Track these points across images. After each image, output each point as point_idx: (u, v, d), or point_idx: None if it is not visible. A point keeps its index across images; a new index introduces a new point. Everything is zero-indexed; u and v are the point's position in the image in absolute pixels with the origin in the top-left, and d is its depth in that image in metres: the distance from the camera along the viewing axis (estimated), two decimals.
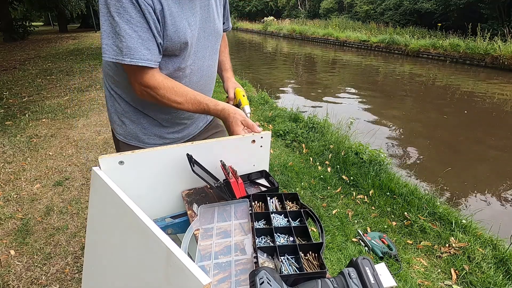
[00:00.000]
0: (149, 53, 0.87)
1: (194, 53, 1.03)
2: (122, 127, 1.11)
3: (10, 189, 2.70)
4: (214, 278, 0.68)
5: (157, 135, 1.13)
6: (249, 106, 1.19)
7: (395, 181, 2.90)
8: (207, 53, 1.09)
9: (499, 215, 2.96)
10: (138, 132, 1.11)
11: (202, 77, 1.10)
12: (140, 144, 1.12)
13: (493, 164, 4.13)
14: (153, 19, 0.85)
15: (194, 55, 1.04)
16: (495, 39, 10.53)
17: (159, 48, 0.90)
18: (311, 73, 10.62)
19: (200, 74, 1.09)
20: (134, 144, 1.12)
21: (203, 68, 1.09)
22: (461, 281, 1.92)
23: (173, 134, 1.17)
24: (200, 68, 1.08)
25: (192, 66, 1.04)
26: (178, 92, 0.95)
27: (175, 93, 0.94)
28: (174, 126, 1.15)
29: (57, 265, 1.94)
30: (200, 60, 1.07)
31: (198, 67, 1.07)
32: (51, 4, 16.76)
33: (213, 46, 1.11)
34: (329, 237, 2.23)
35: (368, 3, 20.26)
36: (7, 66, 8.20)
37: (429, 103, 6.88)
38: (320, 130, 4.06)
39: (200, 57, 1.06)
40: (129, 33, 0.83)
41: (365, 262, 0.63)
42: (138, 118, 1.09)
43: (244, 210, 0.88)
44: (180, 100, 0.95)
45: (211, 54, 1.11)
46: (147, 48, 0.86)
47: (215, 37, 1.10)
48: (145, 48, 0.86)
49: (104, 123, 4.28)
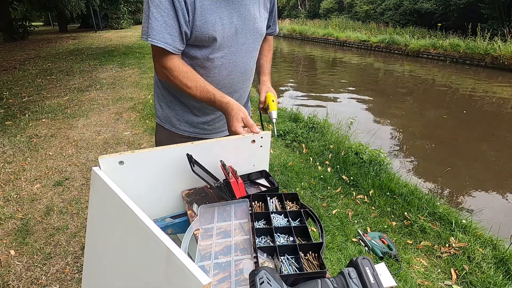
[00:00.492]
0: (170, 38, 0.95)
1: (228, 47, 1.07)
2: (159, 111, 1.22)
3: (10, 189, 2.71)
4: (214, 278, 0.68)
5: (188, 122, 1.20)
6: (276, 112, 1.19)
7: (395, 181, 2.90)
8: (243, 49, 1.11)
9: (499, 215, 2.96)
10: (172, 117, 1.19)
11: (233, 71, 1.12)
12: (173, 128, 1.20)
13: (493, 164, 4.13)
14: (182, 9, 0.93)
15: (227, 49, 1.07)
16: (495, 39, 10.53)
17: (182, 36, 0.97)
18: (311, 73, 10.62)
19: (231, 68, 1.11)
20: (168, 128, 1.21)
21: (236, 63, 1.11)
22: (461, 281, 1.92)
23: (203, 124, 1.21)
24: (232, 62, 1.10)
25: (223, 59, 1.08)
26: (190, 78, 1.01)
27: (187, 78, 1.01)
28: (205, 115, 1.20)
29: (57, 265, 1.94)
30: (234, 55, 1.09)
31: (229, 61, 1.09)
32: (51, 4, 16.72)
33: (251, 44, 1.13)
34: (329, 237, 2.23)
35: (368, 3, 20.26)
36: (7, 66, 8.20)
37: (429, 103, 6.88)
38: (320, 130, 4.06)
39: (234, 51, 1.09)
40: (156, 17, 0.92)
41: (365, 262, 0.63)
42: (173, 103, 1.17)
43: (244, 210, 0.88)
44: (190, 84, 1.01)
45: (247, 51, 1.13)
46: (169, 33, 0.94)
47: (254, 36, 1.12)
48: (168, 33, 0.94)
49: (104, 123, 4.28)
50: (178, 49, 0.98)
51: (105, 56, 9.94)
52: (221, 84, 1.12)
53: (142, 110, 4.78)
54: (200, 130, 1.22)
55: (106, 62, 8.94)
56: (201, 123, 1.21)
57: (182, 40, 0.98)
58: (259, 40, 1.17)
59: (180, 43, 0.98)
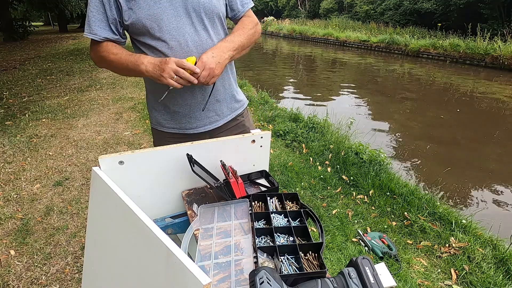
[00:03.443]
0: (99, 30, 1.07)
1: (177, 28, 1.05)
2: (150, 115, 1.29)
3: (10, 189, 2.71)
4: (214, 278, 0.68)
5: (173, 119, 1.21)
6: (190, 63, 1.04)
7: (395, 181, 2.90)
8: (189, 29, 1.07)
9: (499, 215, 2.96)
10: (159, 118, 1.23)
11: (188, 53, 1.08)
12: (163, 128, 1.24)
13: (493, 164, 4.13)
14: (110, 4, 1.04)
15: (175, 31, 1.05)
16: (495, 39, 10.53)
17: (111, 27, 1.08)
18: (311, 73, 10.62)
19: (182, 49, 1.08)
20: (159, 129, 1.25)
21: (182, 44, 1.07)
22: (461, 281, 1.92)
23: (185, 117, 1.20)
24: (180, 44, 1.07)
25: (171, 41, 1.06)
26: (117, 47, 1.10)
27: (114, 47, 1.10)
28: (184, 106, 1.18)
29: (57, 265, 1.94)
30: (182, 37, 1.06)
31: (178, 43, 1.07)
32: (51, 4, 16.72)
33: (199, 23, 1.08)
34: (329, 237, 2.23)
35: (368, 3, 20.26)
36: (7, 66, 8.20)
37: (429, 103, 6.87)
38: (320, 130, 4.06)
39: (182, 33, 1.06)
40: (89, 15, 1.07)
41: (365, 262, 0.63)
42: (157, 105, 1.21)
43: (244, 210, 0.88)
44: (115, 51, 1.09)
45: (197, 31, 1.08)
46: (98, 26, 1.07)
47: (199, 14, 1.07)
48: (97, 26, 1.06)
49: (104, 123, 4.28)
50: (107, 38, 1.08)
51: None
52: None
53: (142, 110, 4.78)
54: (183, 129, 1.21)
55: None
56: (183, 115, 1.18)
57: (112, 30, 1.08)
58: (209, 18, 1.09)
59: (109, 32, 1.08)
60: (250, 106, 1.78)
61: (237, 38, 1.11)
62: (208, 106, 1.17)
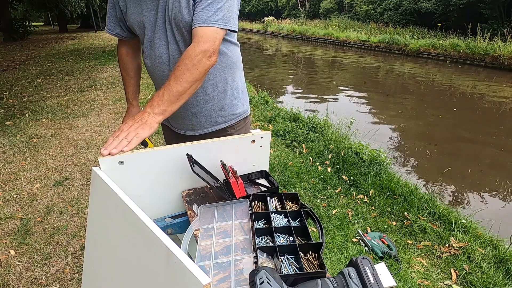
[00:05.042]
0: (112, 25, 1.19)
1: (153, 38, 1.08)
2: None
3: (10, 189, 2.71)
4: (214, 278, 0.68)
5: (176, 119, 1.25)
6: None
7: (395, 181, 2.90)
8: (163, 41, 1.07)
9: (499, 215, 2.96)
10: None
11: (154, 65, 1.11)
12: (171, 126, 1.31)
13: (494, 164, 4.13)
14: (117, 4, 1.13)
15: (153, 40, 1.09)
16: (495, 39, 10.53)
17: (121, 25, 1.18)
18: (311, 73, 10.62)
19: (152, 60, 1.11)
20: (167, 125, 1.32)
21: (156, 55, 1.09)
22: (461, 281, 1.92)
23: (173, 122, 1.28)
24: (152, 54, 1.10)
25: (147, 50, 1.12)
26: (129, 67, 1.28)
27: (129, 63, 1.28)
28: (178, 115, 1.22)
29: (57, 265, 1.94)
30: (157, 47, 1.08)
31: (151, 53, 1.11)
32: (51, 4, 16.72)
33: (174, 36, 1.05)
34: (329, 237, 2.23)
35: (368, 3, 20.26)
36: (7, 66, 8.20)
37: (429, 103, 6.88)
38: (320, 130, 4.06)
39: (157, 43, 1.08)
40: (107, 12, 1.19)
41: (365, 262, 0.63)
42: None
43: (244, 210, 0.88)
44: (124, 69, 1.28)
45: (170, 43, 1.06)
46: (112, 23, 1.18)
47: (173, 27, 1.03)
48: (111, 22, 1.18)
49: (104, 123, 4.28)
50: (119, 34, 1.20)
51: (105, 56, 9.94)
52: (155, 74, 1.16)
53: None
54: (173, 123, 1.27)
55: (106, 62, 8.94)
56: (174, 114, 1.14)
57: (121, 27, 1.18)
58: (182, 33, 1.04)
59: (119, 28, 1.18)
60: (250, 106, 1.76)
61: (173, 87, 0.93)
62: (183, 115, 1.19)
